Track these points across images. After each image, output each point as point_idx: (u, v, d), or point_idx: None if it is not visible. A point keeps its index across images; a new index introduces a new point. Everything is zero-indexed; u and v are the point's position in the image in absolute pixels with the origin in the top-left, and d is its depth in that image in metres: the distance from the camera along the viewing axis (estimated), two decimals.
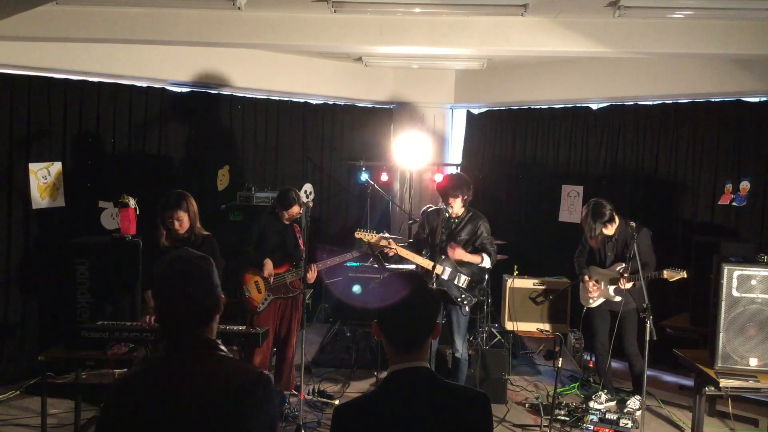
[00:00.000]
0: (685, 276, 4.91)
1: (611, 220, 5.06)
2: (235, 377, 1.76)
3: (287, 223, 5.09)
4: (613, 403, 5.32)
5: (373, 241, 4.99)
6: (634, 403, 5.21)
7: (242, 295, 4.97)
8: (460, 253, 4.85)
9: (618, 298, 5.13)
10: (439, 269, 4.83)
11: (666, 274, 4.95)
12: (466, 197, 4.88)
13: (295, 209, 5.00)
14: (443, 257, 4.87)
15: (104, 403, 1.80)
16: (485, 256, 4.91)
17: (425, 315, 1.93)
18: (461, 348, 4.97)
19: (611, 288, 5.20)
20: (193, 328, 1.80)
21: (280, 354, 5.25)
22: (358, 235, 5.07)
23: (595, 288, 5.26)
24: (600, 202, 5.09)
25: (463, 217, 4.96)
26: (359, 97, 7.93)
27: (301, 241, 5.11)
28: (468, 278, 4.89)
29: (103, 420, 1.78)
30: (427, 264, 4.84)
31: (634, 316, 5.11)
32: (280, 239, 5.12)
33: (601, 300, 5.30)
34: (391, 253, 4.95)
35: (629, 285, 5.01)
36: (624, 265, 5.02)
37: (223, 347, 1.83)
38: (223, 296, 1.90)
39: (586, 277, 5.32)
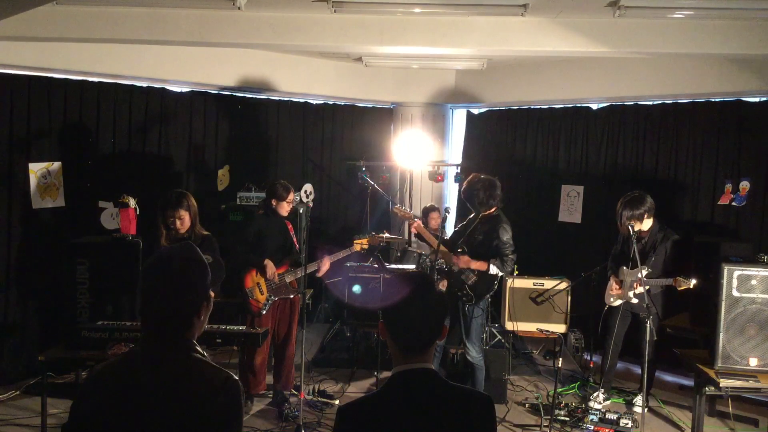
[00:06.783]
0: (691, 287, 4.85)
1: (640, 219, 5.01)
2: (203, 380, 1.76)
3: (287, 214, 5.11)
4: (609, 402, 5.32)
5: (366, 246, 5.17)
6: (640, 401, 5.19)
7: (246, 298, 4.97)
8: (465, 261, 4.89)
9: (635, 301, 5.13)
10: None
11: (676, 281, 4.92)
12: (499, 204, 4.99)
13: (291, 195, 5.09)
14: (459, 250, 4.93)
15: (78, 392, 1.83)
16: (492, 264, 4.82)
17: (433, 318, 1.91)
18: (474, 351, 4.92)
19: (631, 291, 5.19)
20: (170, 329, 1.81)
21: (279, 353, 5.25)
22: (355, 241, 5.25)
23: (616, 288, 5.30)
24: (641, 196, 5.06)
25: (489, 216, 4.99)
26: (359, 97, 7.92)
27: (295, 239, 5.13)
28: (475, 277, 4.88)
29: (75, 410, 1.80)
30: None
31: (654, 322, 5.09)
32: (280, 239, 5.14)
33: (620, 301, 5.31)
34: (413, 227, 5.15)
35: (640, 290, 4.99)
36: (647, 269, 5.00)
37: (199, 349, 1.83)
38: (209, 303, 1.88)
39: (613, 277, 5.38)
